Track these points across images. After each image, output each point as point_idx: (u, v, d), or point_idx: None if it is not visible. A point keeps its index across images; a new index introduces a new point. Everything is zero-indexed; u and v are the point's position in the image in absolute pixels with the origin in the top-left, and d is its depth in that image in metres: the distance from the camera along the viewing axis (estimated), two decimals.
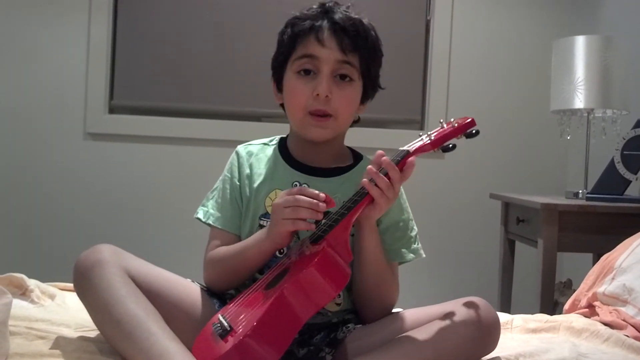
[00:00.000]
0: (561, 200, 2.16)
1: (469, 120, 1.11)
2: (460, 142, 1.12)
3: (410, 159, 1.12)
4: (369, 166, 1.12)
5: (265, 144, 1.37)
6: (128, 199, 2.84)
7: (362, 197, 1.11)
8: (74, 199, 2.83)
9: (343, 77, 1.24)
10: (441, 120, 1.14)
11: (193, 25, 2.87)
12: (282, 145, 1.35)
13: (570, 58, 2.27)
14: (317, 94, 1.22)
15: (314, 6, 1.28)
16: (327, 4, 1.27)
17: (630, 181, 2.19)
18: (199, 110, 2.89)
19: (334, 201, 1.13)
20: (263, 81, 1.50)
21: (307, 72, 1.25)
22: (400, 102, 2.91)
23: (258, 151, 1.35)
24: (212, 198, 1.34)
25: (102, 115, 2.84)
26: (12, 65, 2.81)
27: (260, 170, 1.31)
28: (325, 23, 1.24)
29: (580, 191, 2.26)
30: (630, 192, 2.23)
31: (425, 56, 2.94)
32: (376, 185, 1.10)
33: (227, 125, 2.86)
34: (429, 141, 1.11)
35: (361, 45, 1.25)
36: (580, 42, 2.26)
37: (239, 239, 1.29)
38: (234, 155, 1.36)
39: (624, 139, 2.20)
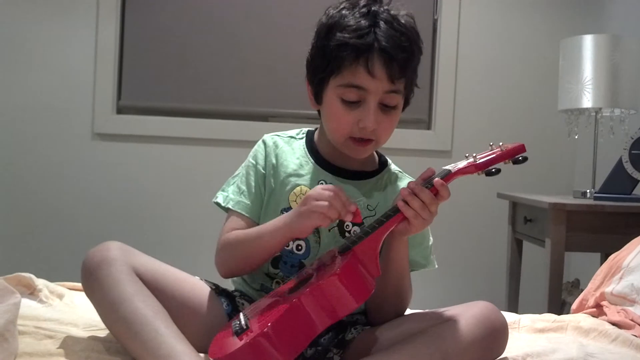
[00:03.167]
0: (569, 200, 2.16)
1: (518, 145, 1.07)
2: (469, 141, 1.11)
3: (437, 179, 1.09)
4: (402, 188, 1.10)
5: (292, 137, 1.35)
6: (136, 199, 2.85)
7: (395, 212, 1.09)
8: (82, 199, 2.84)
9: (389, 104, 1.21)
10: (491, 144, 1.10)
11: (200, 26, 2.87)
12: (310, 141, 1.34)
13: (578, 57, 2.27)
14: (363, 126, 1.19)
15: (360, 6, 1.19)
16: (373, 9, 1.18)
17: (639, 180, 2.18)
18: (206, 110, 2.89)
19: (361, 217, 1.15)
20: (270, 81, 1.50)
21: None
22: None
23: (285, 143, 1.33)
24: (233, 184, 1.32)
25: (110, 115, 2.85)
26: (20, 66, 2.83)
27: (286, 163, 1.30)
28: (374, 50, 1.15)
29: (588, 191, 2.26)
30: (638, 191, 2.22)
31: (432, 56, 2.93)
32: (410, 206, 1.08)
33: (234, 125, 2.86)
34: (474, 163, 1.07)
35: (408, 69, 1.20)
36: (588, 41, 2.26)
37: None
38: (260, 143, 1.34)
39: (632, 138, 2.19)
